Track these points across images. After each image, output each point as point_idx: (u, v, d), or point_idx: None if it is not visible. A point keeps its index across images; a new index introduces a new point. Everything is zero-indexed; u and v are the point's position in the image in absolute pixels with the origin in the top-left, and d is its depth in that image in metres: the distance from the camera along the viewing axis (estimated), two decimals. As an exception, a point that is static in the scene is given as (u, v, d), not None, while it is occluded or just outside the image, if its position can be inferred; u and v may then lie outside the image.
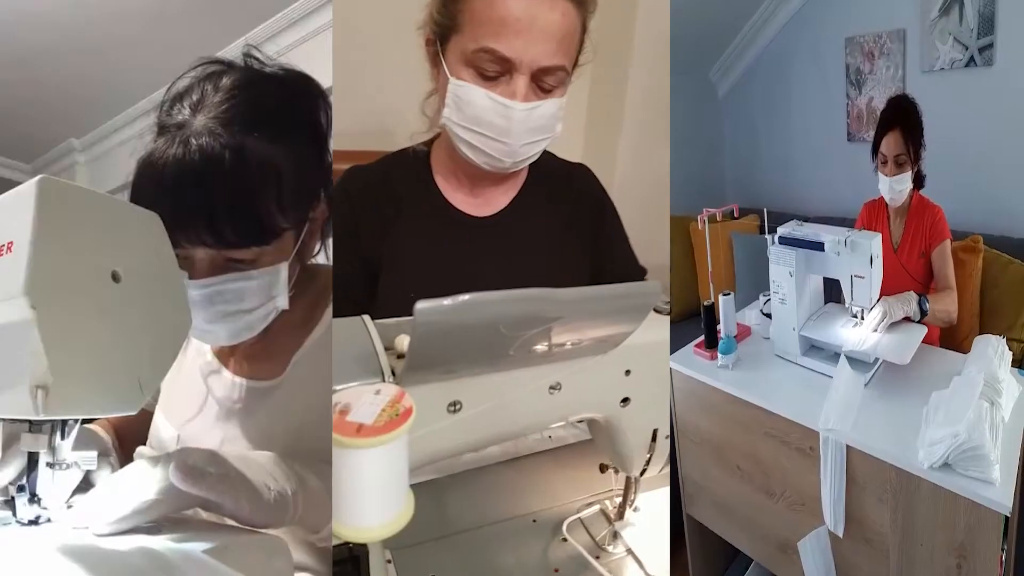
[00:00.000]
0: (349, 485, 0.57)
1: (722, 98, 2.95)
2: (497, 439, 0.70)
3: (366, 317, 0.68)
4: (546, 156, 1.07)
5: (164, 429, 0.96)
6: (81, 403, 0.56)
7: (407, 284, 1.03)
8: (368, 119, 1.51)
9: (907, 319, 1.44)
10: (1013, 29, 2.00)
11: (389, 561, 0.74)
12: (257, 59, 0.88)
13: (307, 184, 0.84)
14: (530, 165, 1.09)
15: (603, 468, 0.86)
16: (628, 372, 0.71)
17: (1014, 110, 2.05)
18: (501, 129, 0.96)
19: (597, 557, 0.81)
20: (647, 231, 1.52)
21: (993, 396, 1.13)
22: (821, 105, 2.55)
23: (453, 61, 0.96)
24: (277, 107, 0.82)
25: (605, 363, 0.69)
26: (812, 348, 1.47)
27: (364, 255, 1.04)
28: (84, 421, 0.63)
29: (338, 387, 0.60)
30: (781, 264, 1.44)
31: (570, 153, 1.23)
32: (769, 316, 1.56)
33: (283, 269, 0.82)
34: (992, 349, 1.30)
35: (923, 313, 1.44)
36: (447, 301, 0.55)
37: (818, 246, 1.36)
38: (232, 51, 0.88)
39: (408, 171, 1.09)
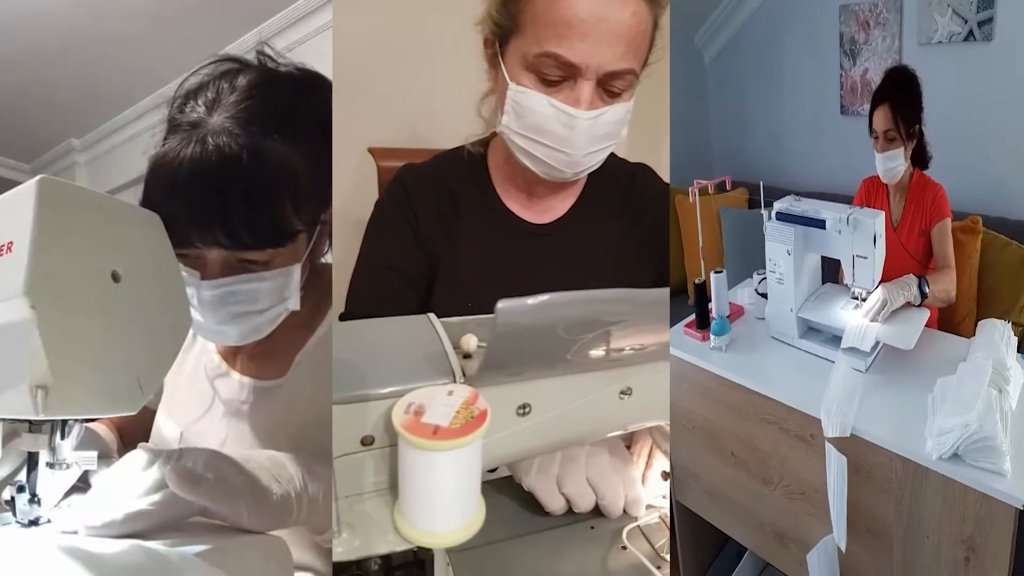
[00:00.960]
0: (422, 488, 0.58)
1: (708, 65, 2.92)
2: (564, 444, 0.70)
3: (432, 316, 0.69)
4: (607, 157, 1.03)
5: (167, 428, 0.97)
6: (81, 403, 0.58)
7: (461, 291, 1.02)
8: (408, 119, 1.50)
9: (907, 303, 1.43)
10: (1014, 3, 1.99)
11: (447, 564, 0.74)
12: (271, 57, 0.89)
13: (321, 185, 0.84)
14: None
15: (665, 476, 0.85)
16: None
17: (1013, 88, 2.05)
18: (563, 139, 0.93)
19: (659, 567, 0.80)
20: None
21: (1001, 383, 1.14)
22: (814, 75, 2.53)
23: (513, 64, 0.92)
24: (293, 107, 0.82)
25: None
26: (810, 330, 1.46)
27: (425, 260, 1.03)
28: (85, 421, 0.65)
29: (408, 386, 0.61)
30: (778, 242, 1.42)
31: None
32: (764, 296, 1.55)
33: (295, 271, 0.84)
34: (998, 334, 1.30)
35: (923, 296, 1.44)
36: (530, 301, 0.56)
37: (819, 223, 1.34)
38: (235, 49, 0.88)
39: (464, 173, 1.07)
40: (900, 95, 1.54)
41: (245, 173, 0.74)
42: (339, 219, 1.11)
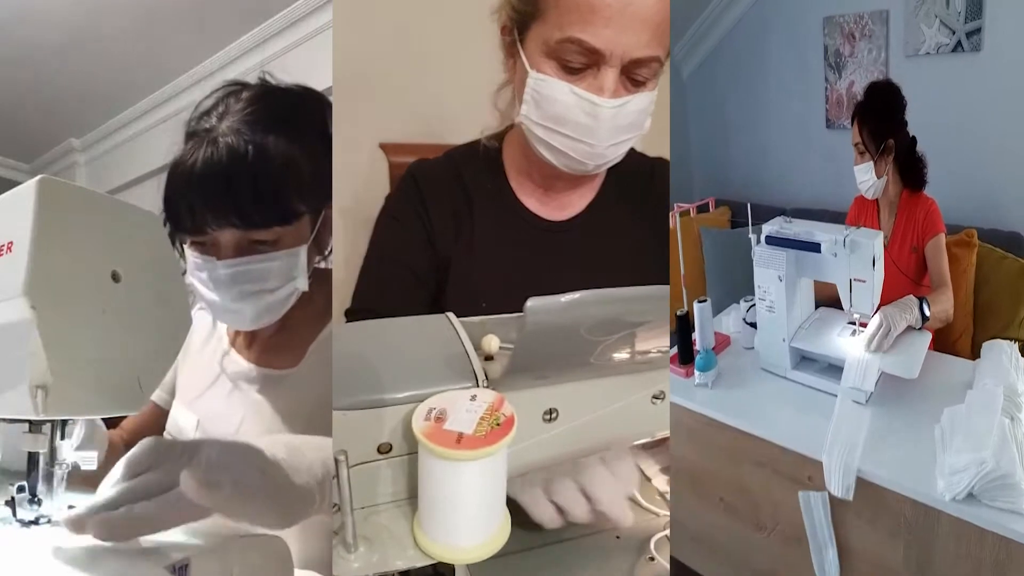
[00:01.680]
0: (446, 500, 0.56)
1: (687, 80, 2.90)
2: (592, 451, 0.69)
3: (451, 315, 0.68)
4: (626, 153, 1.01)
5: (183, 418, 1.02)
6: (81, 403, 0.59)
7: (474, 289, 1.02)
8: (420, 114, 1.50)
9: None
10: (1002, 13, 2.00)
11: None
12: (272, 76, 0.99)
13: (320, 177, 0.91)
14: None
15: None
16: None
17: (1003, 99, 2.05)
18: (586, 129, 0.91)
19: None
20: None
21: (1013, 411, 1.09)
22: (797, 89, 2.52)
23: (533, 52, 0.91)
24: (291, 113, 0.92)
25: None
26: (803, 359, 1.41)
27: (436, 257, 1.04)
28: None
29: (428, 390, 0.60)
30: (769, 267, 1.36)
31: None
32: (753, 325, 1.49)
33: (302, 252, 0.91)
34: (1006, 357, 1.26)
35: (924, 319, 1.39)
36: (563, 299, 0.56)
37: (812, 247, 1.29)
38: (233, 51, 0.90)
39: (479, 168, 1.06)
40: (870, 109, 1.53)
41: (250, 163, 0.84)
42: (350, 215, 1.14)
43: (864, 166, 1.54)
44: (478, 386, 0.62)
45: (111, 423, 0.92)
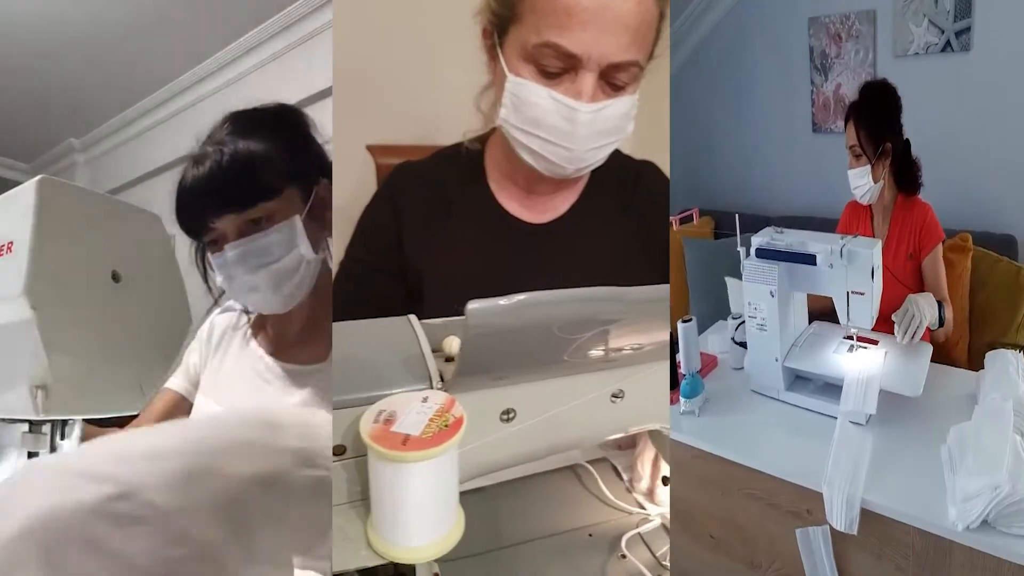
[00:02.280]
0: (394, 501, 0.59)
1: (668, 84, 2.86)
2: (553, 450, 0.72)
3: (412, 317, 0.70)
4: (611, 155, 1.02)
5: (208, 409, 1.04)
6: (81, 403, 0.61)
7: (454, 296, 1.03)
8: (410, 112, 1.52)
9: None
10: (991, 12, 1.99)
11: (436, 574, 0.75)
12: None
13: (295, 157, 1.00)
14: None
15: (666, 480, 0.86)
16: None
17: (993, 99, 2.04)
18: (564, 133, 0.93)
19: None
20: None
21: None
22: (782, 92, 2.49)
23: (512, 55, 0.92)
24: (264, 120, 1.02)
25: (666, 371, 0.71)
26: (797, 379, 1.35)
27: (406, 260, 1.05)
28: (90, 422, 0.68)
29: (381, 392, 0.63)
30: (760, 282, 1.31)
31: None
32: (742, 345, 1.43)
33: (296, 221, 0.97)
34: (1012, 368, 1.22)
35: (941, 323, 1.37)
36: (502, 301, 0.58)
37: (807, 259, 1.24)
38: (232, 51, 0.92)
39: (460, 171, 1.08)
40: (866, 110, 1.50)
41: (226, 160, 0.95)
42: (339, 218, 1.17)
43: (860, 170, 1.50)
44: (432, 387, 0.64)
45: (119, 422, 0.91)
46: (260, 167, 0.99)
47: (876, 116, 1.49)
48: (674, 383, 1.34)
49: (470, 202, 1.07)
